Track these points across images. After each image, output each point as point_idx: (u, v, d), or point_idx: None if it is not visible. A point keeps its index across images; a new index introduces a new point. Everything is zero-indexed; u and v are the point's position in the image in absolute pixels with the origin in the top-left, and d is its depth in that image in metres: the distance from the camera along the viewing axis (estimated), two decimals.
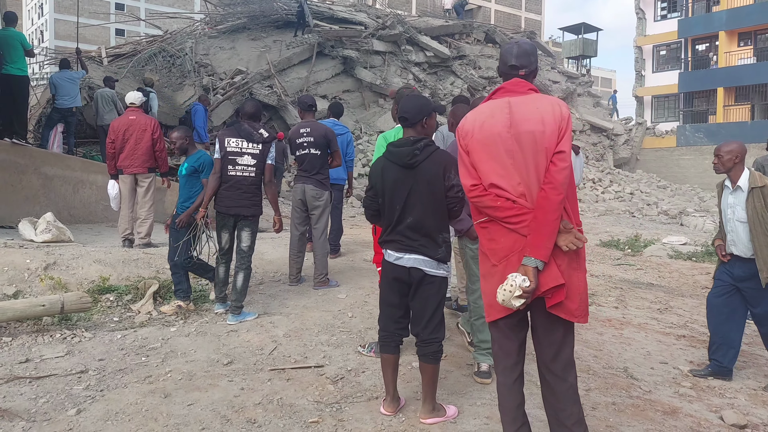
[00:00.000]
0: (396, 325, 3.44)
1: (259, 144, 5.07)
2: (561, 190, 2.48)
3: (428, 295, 3.32)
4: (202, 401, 3.51)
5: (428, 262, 3.27)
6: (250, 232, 5.09)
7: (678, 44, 31.09)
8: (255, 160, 5.05)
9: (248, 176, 5.03)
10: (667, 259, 9.45)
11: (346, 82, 19.95)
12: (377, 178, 3.38)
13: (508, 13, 47.35)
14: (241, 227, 5.07)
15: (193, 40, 18.92)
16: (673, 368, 4.55)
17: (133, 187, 6.95)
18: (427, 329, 3.34)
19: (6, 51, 8.62)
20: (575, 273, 2.55)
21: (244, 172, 5.03)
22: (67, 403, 3.44)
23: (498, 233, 2.61)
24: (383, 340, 3.45)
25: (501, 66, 2.76)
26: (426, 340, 3.34)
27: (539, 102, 2.60)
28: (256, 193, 5.09)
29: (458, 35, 23.91)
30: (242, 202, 5.01)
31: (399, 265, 3.31)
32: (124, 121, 6.88)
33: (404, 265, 3.30)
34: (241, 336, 4.63)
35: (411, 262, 3.28)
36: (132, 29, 47.39)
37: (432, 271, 3.29)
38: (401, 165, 3.27)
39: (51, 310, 4.53)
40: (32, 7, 59.93)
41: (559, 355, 2.63)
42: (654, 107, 32.16)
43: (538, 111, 2.56)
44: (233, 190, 5.01)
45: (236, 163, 5.02)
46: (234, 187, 5.01)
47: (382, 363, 3.44)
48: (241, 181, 5.02)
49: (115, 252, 6.20)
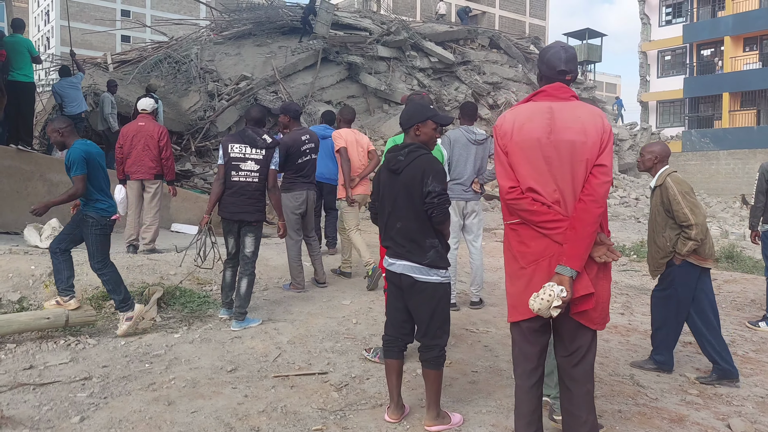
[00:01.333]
0: (399, 330, 3.43)
1: (262, 149, 5.07)
2: (602, 203, 2.49)
3: (420, 301, 3.30)
4: (205, 409, 3.49)
5: (416, 269, 3.26)
6: (254, 238, 5.08)
7: (683, 49, 31.05)
8: (258, 166, 5.05)
9: (252, 182, 5.03)
10: None
11: (351, 88, 19.98)
12: (376, 182, 3.47)
13: (512, 19, 47.40)
14: (245, 233, 5.07)
15: (198, 47, 18.99)
16: (679, 375, 4.51)
17: (140, 192, 6.96)
18: (426, 335, 3.33)
19: (13, 57, 8.67)
20: (601, 282, 2.57)
21: (247, 178, 5.03)
22: (71, 411, 3.43)
23: (529, 237, 2.60)
24: (386, 345, 3.46)
25: (546, 70, 2.70)
26: (426, 346, 3.33)
27: (581, 111, 2.58)
28: (260, 199, 5.09)
29: (463, 41, 23.94)
30: (246, 207, 5.01)
31: (391, 270, 3.36)
32: (134, 127, 6.90)
33: (395, 271, 3.33)
34: (245, 343, 4.62)
35: (400, 269, 3.30)
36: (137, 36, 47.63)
37: (421, 277, 3.26)
38: (390, 170, 3.33)
39: (56, 322, 4.53)
40: (38, 14, 60.37)
41: (582, 361, 2.64)
42: (659, 112, 32.10)
43: (579, 120, 2.54)
44: (237, 196, 5.00)
45: (240, 168, 5.03)
46: (238, 193, 5.00)
47: (386, 368, 3.44)
48: (245, 186, 5.01)
49: (119, 258, 6.18)
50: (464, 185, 5.73)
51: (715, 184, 26.28)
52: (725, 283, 8.25)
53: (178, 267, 6.10)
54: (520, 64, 25.05)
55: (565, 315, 2.57)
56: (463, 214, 5.84)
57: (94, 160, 4.70)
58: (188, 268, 6.06)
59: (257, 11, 22.01)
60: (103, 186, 4.77)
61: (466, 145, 5.72)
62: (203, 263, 5.25)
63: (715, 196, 24.67)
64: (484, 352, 4.68)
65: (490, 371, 4.29)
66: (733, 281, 8.38)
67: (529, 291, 2.54)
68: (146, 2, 58.28)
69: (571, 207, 2.53)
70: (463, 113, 5.95)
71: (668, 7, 32.08)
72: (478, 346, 4.83)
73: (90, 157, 4.66)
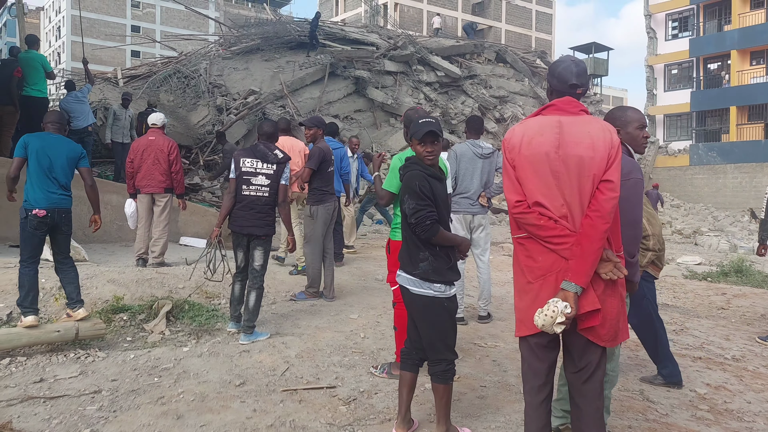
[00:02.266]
0: (414, 343, 3.44)
1: (273, 164, 5.13)
2: (608, 219, 2.47)
3: (416, 314, 3.32)
4: (214, 423, 3.50)
5: (410, 280, 3.28)
6: (263, 252, 5.12)
7: (690, 63, 31.10)
8: (269, 181, 5.10)
9: (262, 196, 5.08)
10: (682, 280, 9.35)
11: (358, 102, 20.11)
12: (429, 191, 3.46)
13: (519, 33, 47.62)
14: (254, 246, 5.10)
15: (207, 62, 19.18)
16: (689, 391, 4.48)
17: (150, 206, 7.02)
18: (430, 350, 3.31)
19: (28, 73, 8.79)
20: (609, 299, 2.54)
21: (258, 192, 5.07)
22: (81, 425, 3.44)
23: (536, 251, 2.59)
24: (403, 356, 3.49)
25: (557, 84, 2.70)
26: (433, 360, 3.32)
27: (591, 126, 2.57)
28: (269, 213, 5.13)
29: (469, 55, 24.08)
30: (256, 222, 5.05)
31: (398, 281, 3.40)
32: (144, 142, 6.97)
33: (399, 282, 3.38)
34: (254, 357, 4.62)
35: (400, 280, 3.36)
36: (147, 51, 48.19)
37: (414, 289, 3.27)
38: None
39: (65, 336, 4.56)
40: (50, 29, 61.16)
41: (592, 378, 2.61)
42: (666, 126, 32.08)
43: (589, 135, 2.53)
44: (247, 209, 5.05)
45: (251, 183, 5.07)
46: (248, 207, 5.05)
47: (400, 381, 3.45)
48: (255, 201, 5.06)
49: (128, 271, 6.24)
50: (471, 199, 5.75)
51: (722, 198, 26.19)
52: (734, 297, 8.20)
53: (186, 281, 6.13)
54: (526, 78, 25.15)
55: (573, 331, 2.56)
56: (470, 228, 5.84)
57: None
58: (197, 282, 6.09)
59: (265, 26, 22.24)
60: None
61: (472, 159, 5.74)
62: (213, 276, 5.28)
63: (723, 210, 24.57)
64: (492, 367, 4.67)
65: (499, 386, 4.28)
66: (742, 296, 8.33)
67: (536, 306, 2.53)
68: (156, 18, 58.98)
69: (578, 222, 2.52)
70: (469, 127, 5.98)
71: (674, 21, 32.18)
72: (486, 360, 4.82)
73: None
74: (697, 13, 30.95)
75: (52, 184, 4.67)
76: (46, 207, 4.61)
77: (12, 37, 46.69)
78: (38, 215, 4.60)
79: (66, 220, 4.76)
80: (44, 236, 4.72)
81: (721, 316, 7.30)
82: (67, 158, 4.76)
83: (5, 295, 5.31)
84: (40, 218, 4.60)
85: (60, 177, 4.72)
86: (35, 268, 4.68)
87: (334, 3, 48.32)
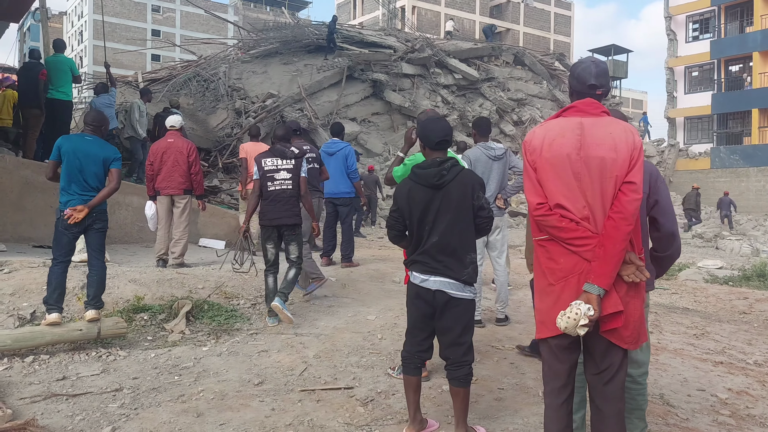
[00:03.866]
0: (418, 347, 3.43)
1: (291, 160, 5.60)
2: (631, 221, 2.46)
3: (454, 318, 3.30)
4: (234, 421, 3.53)
5: (453, 285, 3.26)
6: (297, 244, 5.59)
7: (710, 65, 30.73)
8: (290, 174, 5.55)
9: (286, 189, 5.52)
10: (702, 284, 9.24)
11: (376, 105, 20.16)
12: (404, 200, 3.36)
13: (537, 36, 47.41)
14: (287, 241, 5.56)
15: (226, 65, 19.36)
16: (711, 395, 4.43)
17: (169, 207, 7.10)
18: (456, 352, 3.32)
19: (55, 75, 8.95)
20: (632, 301, 2.52)
21: (282, 186, 5.52)
22: (103, 421, 3.49)
23: (558, 253, 2.58)
24: (405, 361, 3.44)
25: (576, 85, 2.69)
26: (456, 363, 3.31)
27: (613, 127, 2.56)
28: (295, 204, 5.57)
29: (487, 57, 24.02)
30: (283, 213, 5.48)
31: (424, 287, 3.31)
32: (163, 144, 7.06)
33: (429, 288, 3.29)
34: (272, 356, 4.66)
35: (436, 285, 3.27)
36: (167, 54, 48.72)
37: (457, 293, 3.27)
38: (428, 186, 3.28)
39: (88, 334, 4.64)
40: (72, 34, 62.12)
41: (614, 380, 2.59)
42: (687, 129, 31.72)
43: (611, 137, 2.52)
44: (274, 203, 5.49)
45: (274, 179, 5.53)
46: (275, 201, 5.49)
47: (405, 385, 3.43)
48: (280, 194, 5.50)
49: (149, 272, 6.31)
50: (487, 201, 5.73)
51: (745, 202, 25.81)
52: (757, 302, 8.09)
53: (206, 281, 6.19)
54: (544, 80, 25.02)
55: (594, 333, 2.54)
56: None
57: None
58: (216, 282, 6.15)
59: (284, 30, 22.38)
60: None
61: (486, 163, 5.70)
62: (240, 268, 5.72)
63: (746, 213, 24.23)
64: (510, 369, 4.66)
65: (517, 388, 4.26)
66: (765, 300, 8.21)
67: (557, 308, 2.52)
68: (176, 22, 59.67)
69: (600, 224, 2.50)
70: (477, 130, 5.89)
71: (695, 23, 31.83)
72: (504, 363, 4.81)
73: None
74: (718, 14, 30.59)
75: (84, 185, 4.76)
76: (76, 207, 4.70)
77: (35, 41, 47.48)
78: None
79: (98, 219, 4.81)
80: (75, 236, 4.81)
81: (743, 320, 7.20)
82: (99, 159, 4.82)
83: (29, 294, 5.41)
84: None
85: (91, 178, 4.80)
86: (65, 267, 4.77)
87: (351, 6, 48.50)
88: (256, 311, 5.83)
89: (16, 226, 7.78)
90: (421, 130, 3.47)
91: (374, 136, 19.54)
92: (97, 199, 4.75)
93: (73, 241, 4.82)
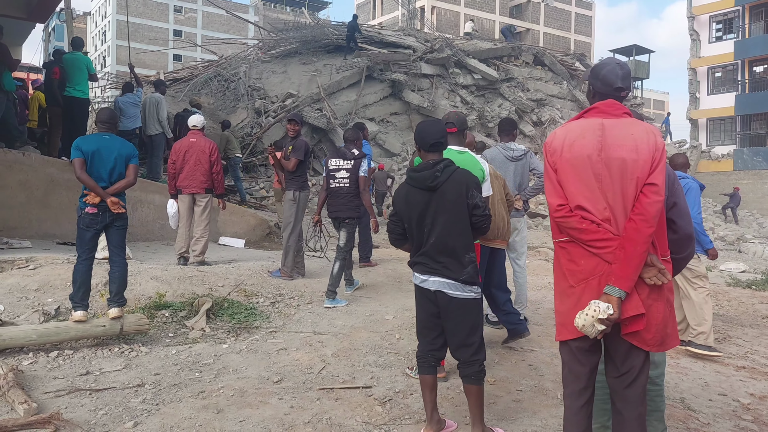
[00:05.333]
0: (430, 346, 3.44)
1: (351, 161, 6.34)
2: (652, 223, 2.44)
3: (458, 318, 3.30)
4: (253, 418, 3.57)
5: (452, 285, 3.26)
6: (347, 233, 6.31)
7: (734, 66, 30.27)
8: (348, 174, 6.32)
9: (344, 186, 6.30)
10: (725, 287, 9.12)
11: (394, 105, 20.17)
12: (401, 203, 3.41)
13: (557, 36, 47.09)
14: (339, 228, 6.34)
15: (246, 65, 19.50)
16: (732, 400, 4.38)
17: (190, 206, 7.18)
18: (465, 352, 3.32)
19: (72, 73, 9.07)
20: (655, 304, 2.50)
21: (341, 183, 6.32)
22: (125, 416, 3.55)
23: (579, 255, 2.57)
24: (420, 361, 3.46)
25: (601, 87, 2.68)
26: (467, 362, 3.32)
27: (634, 128, 2.54)
28: (352, 200, 6.29)
29: (506, 58, 23.91)
30: (341, 207, 6.30)
31: (424, 287, 3.35)
32: (185, 143, 7.14)
33: (429, 288, 3.32)
34: (291, 354, 4.69)
35: (435, 285, 3.30)
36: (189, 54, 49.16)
37: (457, 294, 3.27)
38: (423, 188, 3.30)
39: (110, 331, 4.72)
40: (96, 33, 62.99)
41: (635, 383, 2.57)
42: (709, 130, 31.28)
43: (632, 138, 2.51)
44: (335, 198, 6.33)
45: (335, 177, 6.36)
46: (335, 196, 6.33)
47: (421, 384, 3.44)
48: (339, 190, 6.31)
49: (170, 269, 6.39)
50: None
51: None
52: None
53: (225, 279, 6.26)
54: (564, 80, 24.84)
55: (616, 335, 2.52)
56: None
57: None
58: (236, 280, 6.21)
59: (303, 30, 22.48)
60: None
61: (503, 163, 5.70)
62: (316, 253, 7.06)
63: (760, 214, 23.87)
64: (528, 371, 4.64)
65: (535, 390, 4.25)
66: None
67: (577, 310, 2.51)
68: (197, 22, 60.20)
69: (621, 225, 2.49)
70: (500, 130, 5.95)
71: (718, 23, 31.38)
72: (522, 364, 4.79)
73: None
74: (742, 14, 30.12)
75: (106, 184, 4.82)
76: (96, 204, 4.76)
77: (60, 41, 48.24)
78: (89, 212, 4.76)
79: (118, 217, 4.87)
80: (97, 234, 4.87)
81: (767, 325, 7.09)
82: (117, 157, 4.87)
83: (53, 290, 5.51)
84: (91, 215, 4.76)
85: (113, 176, 4.86)
86: (88, 264, 4.84)
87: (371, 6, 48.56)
88: (275, 309, 5.88)
89: (41, 222, 7.92)
90: (416, 131, 3.48)
91: (392, 135, 19.55)
92: (113, 189, 4.81)
93: (95, 239, 4.89)
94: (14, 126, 8.89)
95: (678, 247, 2.85)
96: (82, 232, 4.82)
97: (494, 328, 5.68)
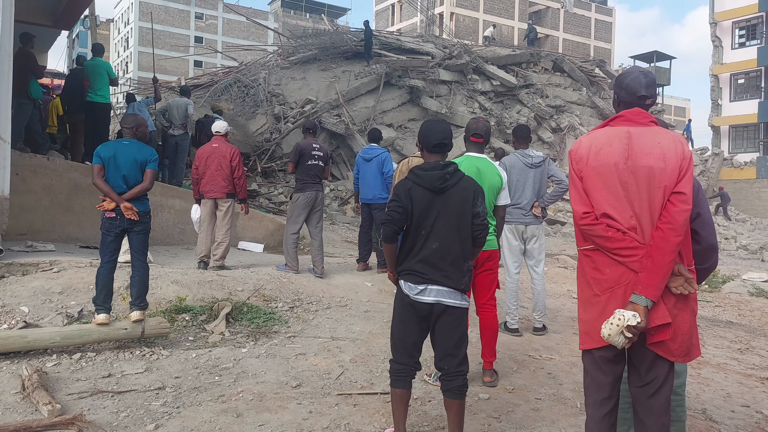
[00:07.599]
0: (411, 358, 3.27)
1: None
2: (680, 232, 2.43)
3: (449, 327, 3.19)
4: (272, 422, 3.59)
5: (451, 293, 3.15)
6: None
7: (757, 72, 29.90)
8: None
9: None
10: (747, 297, 8.99)
11: (412, 111, 20.19)
12: (406, 198, 3.17)
13: (577, 42, 46.86)
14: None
15: (266, 71, 19.66)
16: (756, 412, 4.32)
17: (212, 210, 7.25)
18: (451, 363, 3.20)
19: (92, 79, 9.22)
20: (681, 313, 2.48)
21: None
22: (146, 419, 3.60)
23: (604, 263, 2.55)
24: (396, 374, 3.26)
25: (625, 95, 2.68)
26: (451, 374, 3.20)
27: (661, 137, 2.54)
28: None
29: (525, 64, 23.83)
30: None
31: (419, 299, 3.16)
32: (208, 149, 7.23)
33: (425, 301, 3.15)
34: (309, 360, 4.72)
35: (433, 295, 3.14)
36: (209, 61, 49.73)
37: (455, 302, 3.17)
38: (429, 188, 3.16)
39: (132, 333, 4.78)
40: (119, 40, 63.96)
41: (659, 393, 2.55)
42: (731, 137, 30.89)
43: (659, 146, 2.50)
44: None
45: None
46: None
47: (393, 398, 3.26)
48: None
49: (191, 273, 6.46)
50: (524, 209, 5.71)
51: None
52: None
53: (245, 283, 6.31)
54: (584, 87, 24.70)
55: (641, 345, 2.50)
56: (524, 239, 5.80)
57: None
58: (255, 285, 6.25)
59: (322, 37, 22.63)
60: None
61: (522, 170, 5.70)
62: None
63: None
64: (547, 380, 4.62)
65: (554, 399, 4.22)
66: None
67: (602, 319, 2.49)
68: (218, 29, 60.90)
69: (648, 234, 2.47)
70: (516, 137, 5.94)
71: (741, 29, 31.01)
72: (541, 373, 4.77)
73: None
74: (766, 20, 29.75)
75: (124, 189, 4.89)
76: (115, 209, 4.83)
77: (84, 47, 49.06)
78: (107, 216, 4.83)
79: (139, 221, 4.93)
80: (118, 238, 4.93)
81: None
82: (136, 161, 4.93)
83: (76, 293, 5.60)
84: (109, 219, 4.83)
85: (129, 181, 4.92)
86: (110, 268, 4.91)
87: (390, 13, 48.74)
88: (293, 314, 5.91)
89: (64, 226, 8.05)
90: (420, 131, 3.39)
91: (410, 141, 19.55)
92: (128, 195, 4.86)
93: (116, 242, 4.96)
94: (38, 133, 9.06)
95: (701, 257, 2.83)
96: (104, 236, 4.90)
97: (513, 336, 5.67)
